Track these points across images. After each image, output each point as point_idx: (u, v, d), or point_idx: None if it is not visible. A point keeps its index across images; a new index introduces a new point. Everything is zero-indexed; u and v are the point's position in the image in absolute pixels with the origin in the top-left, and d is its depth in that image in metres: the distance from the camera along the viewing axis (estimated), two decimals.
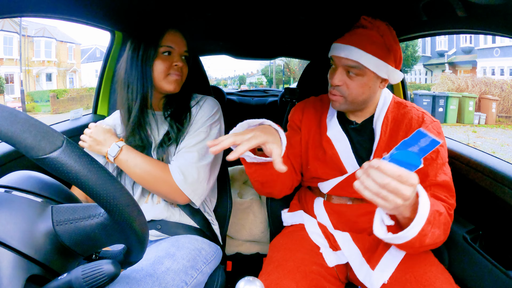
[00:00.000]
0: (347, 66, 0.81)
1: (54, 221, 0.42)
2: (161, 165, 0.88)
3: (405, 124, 0.85)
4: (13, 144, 0.32)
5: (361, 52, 0.78)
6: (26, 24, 16.42)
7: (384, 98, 0.90)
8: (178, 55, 0.92)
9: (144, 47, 0.89)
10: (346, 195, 0.89)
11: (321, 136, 0.92)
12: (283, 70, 25.08)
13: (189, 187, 0.86)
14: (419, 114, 0.86)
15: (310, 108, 0.98)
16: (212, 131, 0.94)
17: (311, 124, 0.95)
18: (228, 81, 33.35)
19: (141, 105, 0.90)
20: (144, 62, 0.89)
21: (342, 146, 0.89)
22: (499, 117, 11.02)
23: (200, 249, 0.88)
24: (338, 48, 0.82)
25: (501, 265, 0.81)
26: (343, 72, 0.82)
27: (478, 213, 0.95)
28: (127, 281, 0.67)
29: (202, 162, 0.89)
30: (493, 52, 14.88)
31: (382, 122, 0.86)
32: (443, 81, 12.82)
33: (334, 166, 0.89)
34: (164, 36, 0.90)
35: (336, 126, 0.91)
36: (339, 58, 0.81)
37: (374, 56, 0.79)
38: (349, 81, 0.82)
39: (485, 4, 0.71)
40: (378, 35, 0.81)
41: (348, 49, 0.79)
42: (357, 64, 0.79)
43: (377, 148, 0.85)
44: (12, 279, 0.37)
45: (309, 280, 0.75)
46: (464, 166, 0.98)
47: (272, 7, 1.20)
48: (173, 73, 0.91)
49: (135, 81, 0.90)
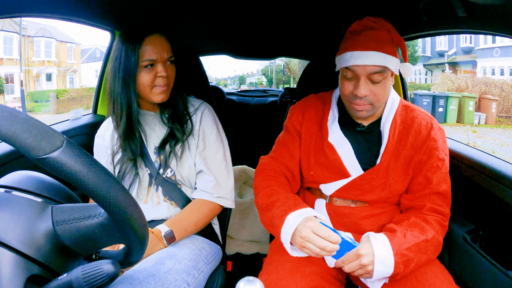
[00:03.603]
0: (371, 73, 0.77)
1: (54, 221, 0.42)
2: (196, 207, 0.93)
3: (415, 129, 0.84)
4: (13, 144, 0.32)
5: (384, 55, 0.76)
6: (26, 24, 16.41)
7: (392, 101, 0.88)
8: (162, 64, 0.87)
9: (124, 61, 0.84)
10: (349, 198, 0.89)
11: (323, 141, 0.90)
12: (283, 70, 25.07)
13: (226, 195, 0.98)
14: (427, 119, 0.86)
15: (311, 110, 0.95)
16: (222, 136, 1.03)
17: (312, 128, 0.93)
18: (228, 81, 33.33)
19: (127, 120, 0.89)
20: (127, 76, 0.85)
21: (345, 151, 0.88)
22: (499, 117, 11.01)
23: (200, 249, 0.88)
24: (358, 56, 0.76)
25: (501, 265, 0.81)
26: (367, 80, 0.78)
27: (478, 213, 0.95)
28: (129, 282, 0.67)
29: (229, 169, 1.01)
30: (493, 52, 14.87)
31: (390, 125, 0.85)
32: (443, 81, 12.80)
33: (337, 171, 0.89)
34: (143, 47, 0.84)
35: (337, 131, 0.89)
36: (363, 67, 0.77)
37: (391, 55, 0.77)
38: (374, 88, 0.78)
39: (485, 4, 0.71)
40: (386, 33, 0.80)
41: (372, 55, 0.75)
42: (382, 69, 0.77)
43: (385, 151, 0.84)
44: (12, 279, 0.37)
45: (309, 281, 0.75)
46: (464, 166, 0.98)
47: (272, 7, 1.20)
48: (159, 85, 0.88)
49: (119, 96, 0.87)
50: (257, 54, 2.30)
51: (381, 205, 0.88)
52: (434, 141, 0.82)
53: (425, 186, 0.82)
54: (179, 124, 0.95)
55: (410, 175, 0.84)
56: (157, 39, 0.87)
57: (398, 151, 0.84)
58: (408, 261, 0.72)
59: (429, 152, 0.82)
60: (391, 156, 0.84)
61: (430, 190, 0.81)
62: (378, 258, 0.70)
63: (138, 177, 0.93)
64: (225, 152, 1.01)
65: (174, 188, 0.94)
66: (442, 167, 0.81)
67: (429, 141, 0.82)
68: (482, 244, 0.92)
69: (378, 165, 0.84)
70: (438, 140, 0.83)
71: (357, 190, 0.87)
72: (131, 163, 0.92)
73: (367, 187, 0.85)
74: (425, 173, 0.82)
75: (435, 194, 0.81)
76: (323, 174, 0.90)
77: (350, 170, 0.87)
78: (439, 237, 0.78)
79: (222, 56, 2.36)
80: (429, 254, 0.76)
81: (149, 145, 0.95)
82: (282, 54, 2.38)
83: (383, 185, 0.84)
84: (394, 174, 0.84)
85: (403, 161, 0.84)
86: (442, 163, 0.82)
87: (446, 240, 0.93)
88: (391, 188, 0.84)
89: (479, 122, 10.42)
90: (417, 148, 0.83)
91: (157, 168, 0.93)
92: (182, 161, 0.94)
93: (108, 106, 0.93)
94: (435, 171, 0.81)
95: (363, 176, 0.85)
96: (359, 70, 0.77)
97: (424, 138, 0.83)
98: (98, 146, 1.01)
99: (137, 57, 0.84)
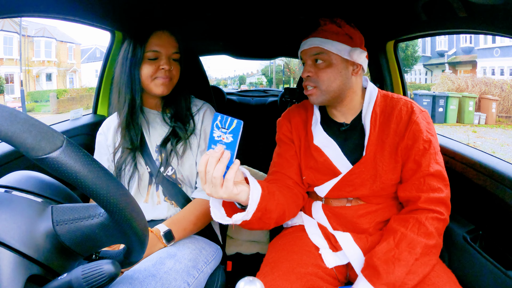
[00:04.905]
0: (313, 56, 0.85)
1: (54, 221, 0.42)
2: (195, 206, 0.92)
3: (395, 116, 0.85)
4: (13, 144, 0.32)
5: (322, 39, 0.83)
6: (26, 24, 16.42)
7: (370, 93, 0.90)
8: (165, 58, 0.91)
9: (132, 51, 0.89)
10: (343, 196, 0.89)
11: (310, 145, 0.92)
12: (283, 70, 25.08)
13: None
14: (407, 104, 0.86)
15: (296, 117, 0.97)
16: None
17: (300, 134, 0.95)
18: (228, 81, 33.36)
19: (130, 107, 0.91)
20: (132, 66, 0.89)
21: (332, 151, 0.89)
22: (499, 117, 11.02)
23: (200, 249, 0.88)
24: (302, 44, 0.88)
25: (501, 265, 0.81)
26: (311, 63, 0.86)
27: (478, 213, 0.95)
28: (130, 282, 0.67)
29: None
30: (493, 52, 14.88)
31: (371, 117, 0.86)
32: (443, 81, 12.81)
33: (328, 171, 0.89)
34: (150, 40, 0.89)
35: (321, 133, 0.91)
36: (305, 52, 0.87)
37: (335, 41, 0.83)
38: (318, 70, 0.85)
39: (485, 4, 0.72)
40: (336, 27, 0.85)
41: (311, 40, 0.85)
42: (321, 50, 0.84)
43: (369, 143, 0.85)
44: (12, 279, 0.37)
45: (304, 281, 0.75)
46: (464, 166, 0.98)
47: (272, 7, 1.20)
48: (160, 76, 0.91)
49: (124, 85, 0.91)
50: (257, 54, 2.31)
51: (377, 200, 0.88)
52: (416, 124, 0.82)
53: (416, 171, 0.81)
54: (181, 123, 0.95)
55: (400, 163, 0.84)
56: (165, 35, 0.92)
57: (382, 140, 0.85)
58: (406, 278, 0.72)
59: (413, 136, 0.82)
60: (376, 147, 0.85)
61: (422, 173, 0.80)
62: None
63: (138, 173, 0.93)
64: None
65: (175, 187, 0.94)
66: (429, 148, 0.80)
67: (412, 125, 0.82)
68: (482, 244, 0.92)
69: (364, 157, 0.85)
70: (421, 123, 0.82)
71: (348, 186, 0.87)
72: (130, 155, 0.92)
73: (357, 181, 0.86)
74: (413, 158, 0.81)
75: (427, 176, 0.79)
76: (315, 177, 0.91)
77: (340, 168, 0.88)
78: (431, 241, 0.75)
79: (222, 56, 2.36)
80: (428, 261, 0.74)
81: (150, 143, 0.96)
82: (282, 54, 2.38)
83: (374, 176, 0.85)
84: (382, 164, 0.84)
85: (389, 149, 0.84)
86: (428, 144, 0.81)
87: (446, 240, 0.93)
88: (382, 178, 0.84)
89: (479, 122, 10.42)
90: (400, 134, 0.83)
91: (157, 166, 0.93)
92: (183, 160, 0.94)
93: (114, 96, 0.97)
94: (423, 154, 0.80)
95: (352, 171, 0.86)
96: (303, 55, 0.88)
97: (406, 123, 0.83)
98: (99, 144, 1.01)
99: (143, 48, 0.89)
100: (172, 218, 0.89)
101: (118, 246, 0.79)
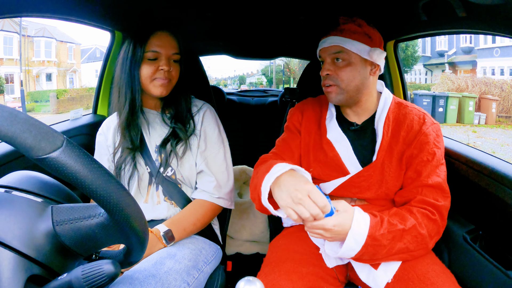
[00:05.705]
0: (333, 54, 0.85)
1: (54, 221, 0.42)
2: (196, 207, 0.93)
3: (407, 124, 0.85)
4: (13, 144, 0.32)
5: (342, 38, 0.84)
6: (26, 24, 16.41)
7: (385, 99, 0.91)
8: (165, 59, 0.91)
9: (132, 51, 0.89)
10: (349, 196, 0.89)
11: (322, 139, 0.92)
12: (283, 70, 25.07)
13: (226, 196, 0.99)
14: (420, 115, 0.87)
15: (309, 110, 0.98)
16: (223, 137, 1.03)
17: (311, 126, 0.95)
18: (228, 81, 33.35)
19: (130, 107, 0.91)
20: (132, 66, 0.89)
21: (343, 147, 0.89)
22: (499, 117, 11.02)
23: (200, 249, 0.88)
24: (322, 42, 0.88)
25: (501, 265, 0.81)
26: (331, 62, 0.86)
27: (478, 213, 0.95)
28: (130, 282, 0.67)
29: (230, 170, 1.01)
30: (493, 52, 14.88)
31: (384, 122, 0.87)
32: (443, 81, 12.81)
33: (336, 168, 0.89)
34: (150, 40, 0.89)
35: (336, 128, 0.91)
36: (324, 50, 0.87)
37: (355, 40, 0.83)
38: (338, 69, 0.85)
39: (485, 4, 0.71)
40: (356, 26, 0.85)
41: (331, 39, 0.85)
42: (341, 49, 0.84)
43: (380, 148, 0.86)
44: (12, 279, 0.37)
45: (306, 281, 0.75)
46: (464, 166, 0.98)
47: (272, 7, 1.20)
48: (159, 77, 0.91)
49: (124, 85, 0.91)
50: (257, 54, 2.30)
51: (380, 202, 0.88)
52: (425, 135, 0.83)
53: (415, 180, 0.82)
54: (181, 124, 0.95)
55: (404, 170, 0.85)
56: (165, 36, 0.92)
57: (392, 147, 0.85)
58: (379, 246, 0.72)
59: (420, 146, 0.82)
60: (386, 153, 0.85)
61: (420, 183, 0.80)
62: (353, 233, 0.71)
63: (137, 173, 0.93)
64: (225, 153, 1.01)
65: (175, 187, 0.94)
66: (432, 160, 0.81)
67: (420, 136, 0.83)
68: (482, 244, 0.92)
69: (374, 162, 0.86)
70: (430, 134, 0.83)
71: (355, 187, 0.87)
72: (130, 155, 0.92)
73: (364, 184, 0.86)
74: (415, 167, 0.82)
75: (425, 187, 0.80)
76: (322, 171, 0.91)
77: (349, 167, 0.88)
78: (420, 229, 0.75)
79: (222, 56, 2.36)
80: (407, 244, 0.74)
81: (150, 143, 0.95)
82: (282, 54, 2.38)
83: (380, 182, 0.85)
84: (389, 170, 0.85)
85: (397, 157, 0.85)
86: (432, 156, 0.81)
87: (446, 240, 0.93)
88: (388, 184, 0.85)
89: (479, 122, 10.42)
90: (408, 142, 0.84)
91: (157, 166, 0.93)
92: (183, 160, 0.94)
93: (114, 95, 0.96)
94: (424, 165, 0.81)
95: (360, 173, 0.86)
96: (322, 54, 0.88)
97: (416, 133, 0.84)
98: (99, 144, 1.01)
99: (143, 48, 0.89)
100: (172, 219, 0.89)
101: (118, 246, 0.79)
